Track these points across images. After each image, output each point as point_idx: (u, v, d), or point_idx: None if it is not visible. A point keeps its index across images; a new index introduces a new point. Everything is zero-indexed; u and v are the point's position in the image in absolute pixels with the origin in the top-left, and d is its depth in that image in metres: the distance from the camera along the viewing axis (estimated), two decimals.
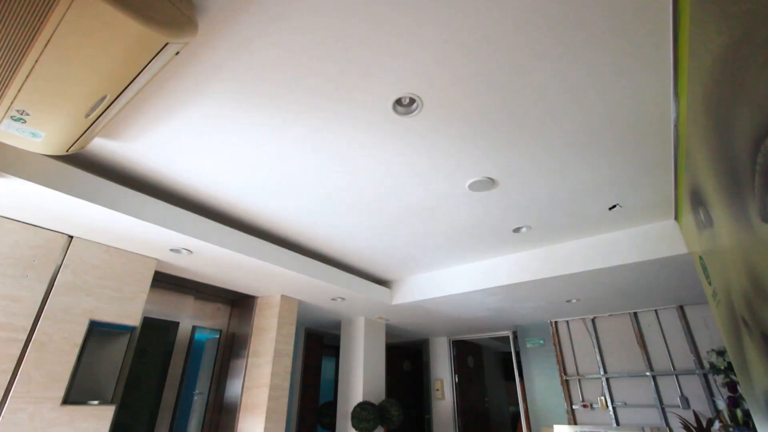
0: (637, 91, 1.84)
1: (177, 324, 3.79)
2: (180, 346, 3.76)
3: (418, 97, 1.86)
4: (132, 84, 1.50)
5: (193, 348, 3.92)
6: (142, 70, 1.43)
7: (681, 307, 4.65)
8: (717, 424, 3.68)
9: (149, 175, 2.54)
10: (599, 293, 4.18)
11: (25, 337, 2.35)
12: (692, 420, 4.17)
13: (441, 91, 1.84)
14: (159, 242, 2.85)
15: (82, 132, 1.74)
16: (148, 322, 3.56)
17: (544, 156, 2.32)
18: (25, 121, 1.62)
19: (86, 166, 2.45)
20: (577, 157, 2.33)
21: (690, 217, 2.40)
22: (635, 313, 4.94)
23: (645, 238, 3.24)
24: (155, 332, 3.63)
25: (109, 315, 2.76)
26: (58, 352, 2.47)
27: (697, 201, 2.00)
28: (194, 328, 3.93)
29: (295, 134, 2.13)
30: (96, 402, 2.57)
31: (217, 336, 4.22)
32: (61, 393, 2.42)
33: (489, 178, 2.53)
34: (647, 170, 2.48)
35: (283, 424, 3.76)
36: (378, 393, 5.15)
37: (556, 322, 5.49)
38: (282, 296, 4.17)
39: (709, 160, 1.53)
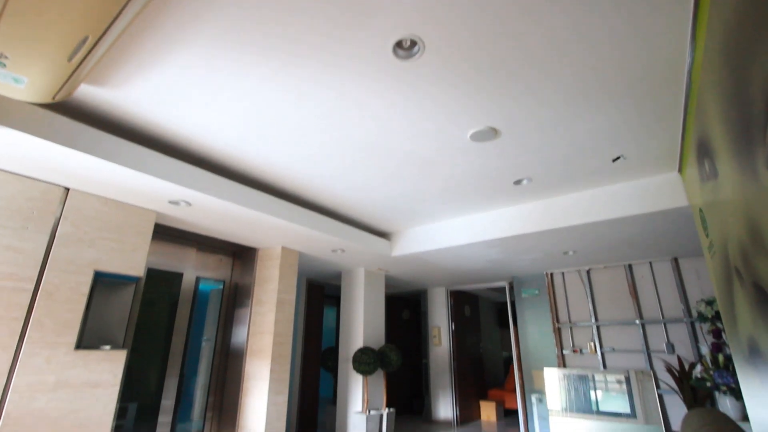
0: (651, 35, 1.73)
1: (181, 275, 3.87)
2: (185, 296, 3.87)
3: (420, 38, 1.75)
4: (114, 24, 1.40)
5: (199, 298, 4.04)
6: (123, 8, 1.33)
7: (675, 259, 4.74)
8: (699, 368, 3.88)
9: (141, 125, 2.46)
10: (597, 246, 4.24)
11: (32, 286, 2.41)
12: (676, 364, 4.41)
13: (444, 34, 1.73)
14: (157, 194, 2.83)
15: (66, 77, 1.66)
16: (152, 273, 3.64)
17: (550, 104, 2.24)
18: (5, 65, 1.54)
19: (77, 115, 2.37)
20: (584, 105, 2.25)
21: (694, 169, 2.36)
22: (630, 265, 5.04)
23: (646, 190, 3.22)
24: (160, 283, 3.72)
25: (113, 266, 2.81)
26: (67, 301, 2.54)
27: (704, 152, 1.96)
28: (198, 279, 4.03)
29: (289, 81, 2.03)
30: (108, 347, 2.69)
31: (221, 286, 4.33)
32: (73, 339, 2.53)
33: (491, 128, 2.46)
34: (654, 121, 2.41)
35: (288, 367, 3.97)
36: (378, 340, 5.39)
37: (551, 274, 5.62)
38: (283, 248, 4.23)
39: (721, 108, 1.48)
